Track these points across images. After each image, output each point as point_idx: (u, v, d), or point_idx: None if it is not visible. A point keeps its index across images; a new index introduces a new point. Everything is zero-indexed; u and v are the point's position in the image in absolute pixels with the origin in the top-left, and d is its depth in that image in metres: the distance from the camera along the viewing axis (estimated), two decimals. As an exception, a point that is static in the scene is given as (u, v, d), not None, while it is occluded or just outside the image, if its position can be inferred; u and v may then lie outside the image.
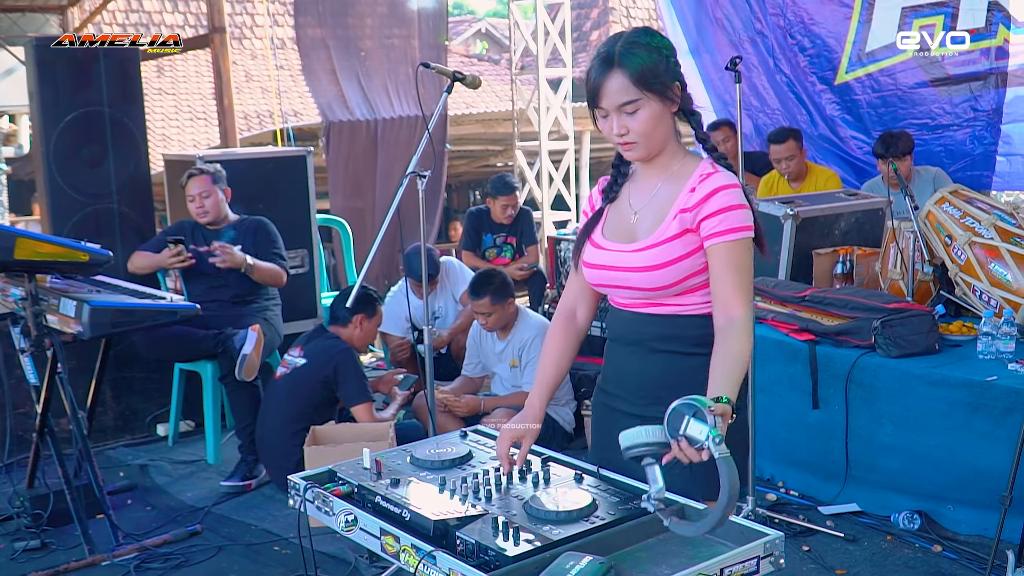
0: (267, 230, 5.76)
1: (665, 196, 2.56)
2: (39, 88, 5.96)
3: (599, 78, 2.47)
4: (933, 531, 4.36)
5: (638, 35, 2.49)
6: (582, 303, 2.78)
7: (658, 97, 2.46)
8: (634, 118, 2.47)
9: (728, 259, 2.46)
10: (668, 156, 2.57)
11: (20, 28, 10.97)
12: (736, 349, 2.40)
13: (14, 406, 5.44)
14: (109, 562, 4.46)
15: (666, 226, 2.51)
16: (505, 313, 5.59)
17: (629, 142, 2.51)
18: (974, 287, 4.85)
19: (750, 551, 2.15)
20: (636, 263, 2.54)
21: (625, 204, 2.64)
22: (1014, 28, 6.61)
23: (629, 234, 2.60)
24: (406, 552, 2.27)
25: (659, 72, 2.45)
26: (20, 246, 4.27)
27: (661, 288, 2.53)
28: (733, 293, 2.45)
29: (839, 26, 7.46)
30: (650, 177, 2.61)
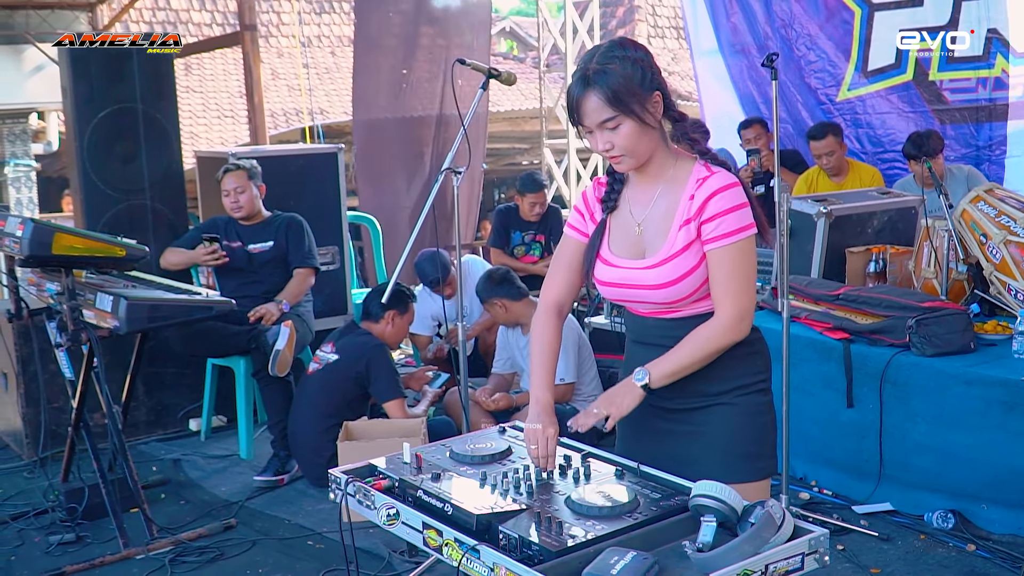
0: (300, 227, 5.78)
1: (665, 205, 2.58)
2: (73, 85, 6.00)
3: (577, 97, 2.50)
4: (967, 530, 4.33)
5: (612, 49, 2.49)
6: (568, 300, 2.83)
7: (636, 112, 2.47)
8: (616, 133, 2.49)
9: (722, 263, 2.52)
10: (659, 162, 2.59)
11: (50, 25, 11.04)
12: (698, 337, 2.55)
13: (48, 400, 5.49)
14: (144, 556, 4.49)
15: (672, 239, 2.54)
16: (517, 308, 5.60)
17: (615, 156, 2.54)
18: (1009, 286, 4.82)
19: (795, 548, 2.15)
20: (650, 280, 2.57)
21: (627, 214, 2.66)
22: (1013, 59, 6.59)
23: (637, 248, 2.62)
24: (449, 546, 2.27)
25: (633, 88, 2.46)
26: (58, 241, 4.30)
27: (678, 300, 2.58)
28: (723, 297, 2.54)
29: (842, 43, 7.47)
30: (647, 184, 2.62)
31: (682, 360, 2.56)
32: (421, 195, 8.67)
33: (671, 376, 2.56)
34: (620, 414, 2.56)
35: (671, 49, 16.13)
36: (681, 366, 2.56)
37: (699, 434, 2.64)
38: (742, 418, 2.63)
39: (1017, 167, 6.55)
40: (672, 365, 2.56)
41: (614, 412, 2.55)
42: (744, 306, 2.55)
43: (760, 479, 2.67)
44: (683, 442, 2.66)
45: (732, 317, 2.53)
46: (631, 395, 2.56)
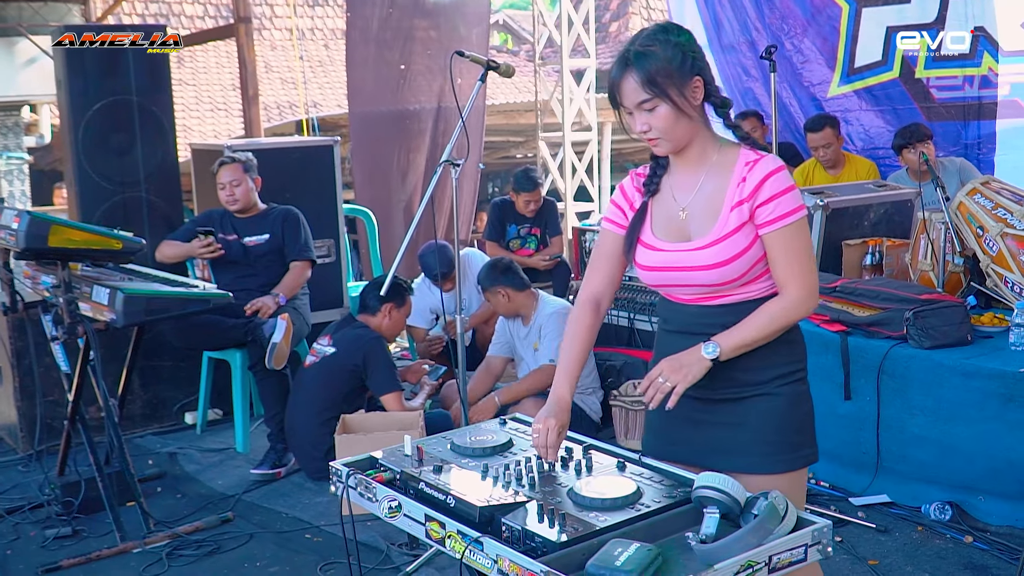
0: (296, 220, 5.76)
1: (712, 189, 2.57)
2: (67, 77, 5.98)
3: (616, 78, 2.52)
4: (964, 522, 4.35)
5: (656, 33, 2.51)
6: (606, 296, 2.80)
7: (672, 96, 2.47)
8: (654, 115, 2.50)
9: (783, 243, 2.51)
10: (701, 147, 2.59)
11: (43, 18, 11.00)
12: (767, 311, 2.55)
13: (43, 394, 5.47)
14: (141, 549, 4.47)
15: (724, 221, 2.53)
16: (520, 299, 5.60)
17: (653, 138, 2.54)
18: (1006, 278, 4.82)
19: (798, 539, 2.15)
20: (699, 262, 2.55)
21: (669, 200, 2.65)
22: (1001, 58, 6.59)
23: (682, 232, 2.61)
24: (452, 538, 2.27)
25: (672, 72, 2.47)
26: (54, 233, 4.28)
27: (730, 282, 2.56)
28: (789, 276, 2.53)
29: (830, 39, 7.47)
30: (690, 170, 2.62)
31: (752, 332, 2.54)
32: (416, 189, 8.65)
33: (740, 349, 2.54)
34: (687, 384, 2.52)
35: (665, 42, 16.09)
36: (751, 339, 2.54)
37: (739, 425, 2.62)
38: (783, 408, 2.62)
39: (1005, 165, 6.55)
40: (742, 337, 2.54)
41: (681, 382, 2.51)
42: (811, 283, 2.56)
43: (801, 468, 2.68)
44: (722, 433, 2.64)
45: (802, 294, 2.54)
46: (699, 365, 2.52)
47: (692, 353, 2.54)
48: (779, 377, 2.62)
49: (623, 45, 2.54)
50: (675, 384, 2.51)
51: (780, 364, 2.61)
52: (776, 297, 2.57)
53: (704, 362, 2.52)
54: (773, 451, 2.63)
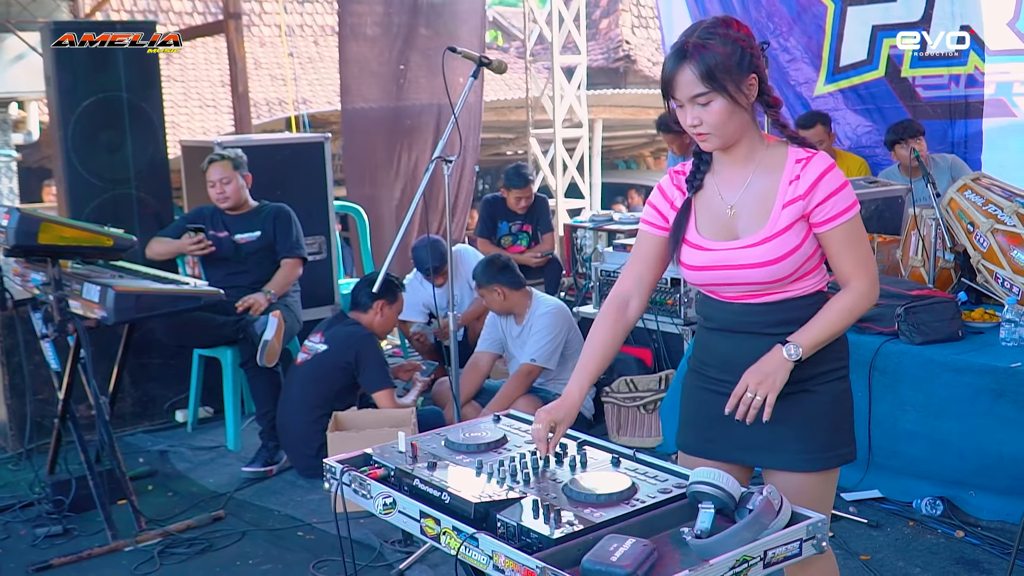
0: (287, 217, 5.75)
1: (761, 187, 2.56)
2: (56, 73, 5.96)
3: (672, 70, 2.48)
4: (955, 517, 4.36)
5: (715, 26, 2.49)
6: (637, 295, 2.75)
7: (730, 91, 2.45)
8: (707, 110, 2.47)
9: (844, 239, 2.52)
10: (749, 145, 2.57)
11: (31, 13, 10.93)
12: (836, 306, 2.55)
13: (33, 392, 5.45)
14: (132, 547, 4.47)
15: (775, 218, 2.52)
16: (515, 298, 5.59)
17: (703, 133, 2.52)
18: (996, 274, 4.84)
19: (793, 534, 2.16)
20: (752, 259, 2.54)
21: (715, 198, 2.62)
22: (987, 57, 6.61)
23: (729, 230, 2.59)
24: (447, 535, 2.26)
25: (730, 67, 2.44)
26: (45, 230, 4.26)
27: (778, 280, 2.55)
28: (854, 270, 2.55)
29: (815, 38, 7.48)
30: (737, 168, 2.60)
31: (828, 328, 2.53)
32: (407, 186, 8.64)
33: (818, 347, 2.53)
34: (776, 392, 2.50)
35: (655, 40, 16.11)
36: (828, 335, 2.53)
37: (780, 422, 2.57)
38: (825, 406, 2.61)
39: (992, 164, 6.56)
40: (819, 334, 2.53)
41: (771, 391, 2.50)
42: (874, 274, 2.57)
43: (836, 467, 2.67)
44: (761, 430, 2.58)
45: (868, 286, 2.55)
46: (783, 370, 2.50)
47: (772, 359, 2.52)
48: (822, 374, 2.60)
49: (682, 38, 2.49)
50: (765, 394, 2.50)
51: (823, 361, 2.59)
52: (842, 291, 2.56)
53: (787, 365, 2.51)
54: (812, 448, 2.61)
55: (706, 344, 2.73)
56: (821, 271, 2.61)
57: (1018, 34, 6.49)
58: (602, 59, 15.60)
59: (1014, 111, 6.68)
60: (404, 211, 8.56)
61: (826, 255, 2.57)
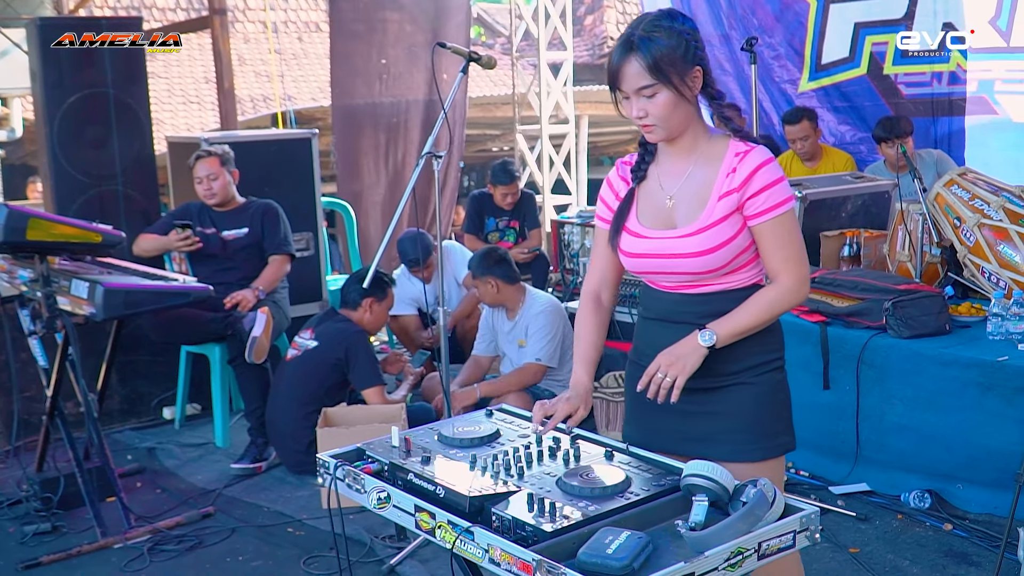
0: (275, 214, 5.74)
1: (700, 179, 2.58)
2: (42, 69, 5.93)
3: (618, 62, 2.51)
4: (943, 510, 4.38)
5: (660, 19, 2.51)
6: (606, 287, 2.83)
7: (675, 83, 2.48)
8: (652, 102, 2.50)
9: (775, 233, 2.54)
10: (692, 137, 2.60)
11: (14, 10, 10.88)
12: (761, 298, 2.58)
13: (20, 389, 5.43)
14: (122, 545, 4.46)
15: (710, 210, 2.55)
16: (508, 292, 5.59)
17: (649, 124, 2.55)
18: (983, 268, 4.86)
19: (787, 525, 2.17)
20: (684, 249, 2.57)
21: (656, 188, 2.66)
22: (970, 55, 6.64)
23: (667, 220, 2.62)
24: (442, 528, 2.26)
25: (676, 59, 2.48)
26: (33, 226, 4.24)
27: (713, 271, 2.57)
28: (782, 266, 2.56)
29: (797, 36, 7.50)
30: (678, 159, 2.62)
31: (747, 319, 2.56)
32: (394, 182, 8.64)
33: (735, 336, 2.56)
34: (687, 375, 2.54)
35: (639, 36, 16.10)
36: (746, 325, 2.56)
37: (717, 413, 2.63)
38: (760, 397, 2.64)
39: (974, 161, 6.58)
40: (736, 324, 2.55)
41: (680, 374, 2.53)
42: (803, 272, 2.59)
43: (778, 456, 2.70)
44: (700, 421, 2.65)
45: (795, 282, 2.57)
46: (696, 355, 2.54)
47: (687, 343, 2.55)
48: (757, 366, 2.63)
49: (628, 30, 2.52)
50: (675, 377, 2.53)
51: (757, 353, 2.63)
52: (770, 285, 2.59)
53: (700, 351, 2.54)
54: (750, 439, 2.65)
55: (644, 334, 2.77)
56: (758, 264, 2.63)
57: (999, 32, 6.51)
58: (587, 55, 15.58)
59: (996, 108, 6.71)
60: (389, 207, 8.56)
61: (758, 249, 2.59)
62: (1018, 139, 6.63)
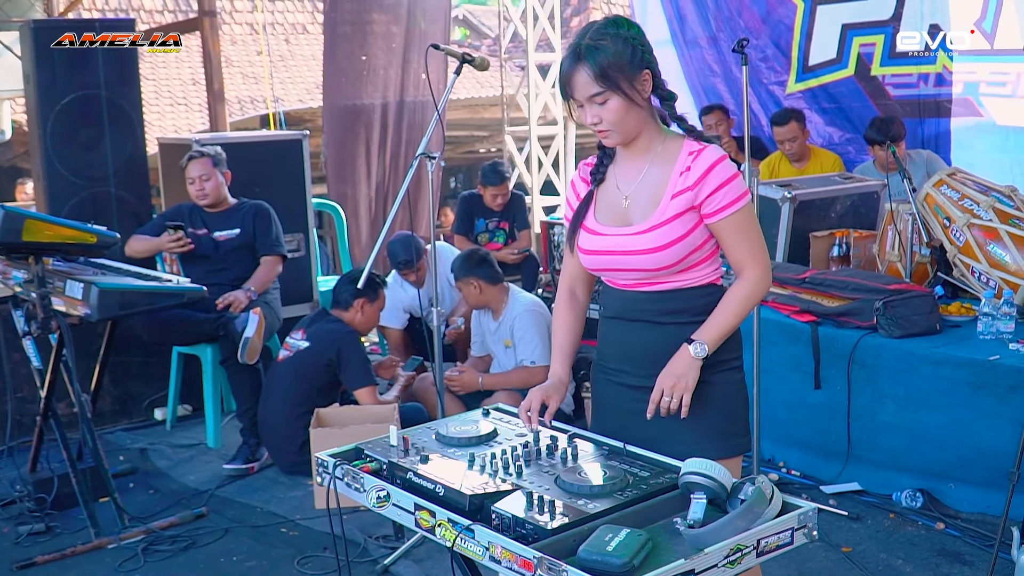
0: (267, 215, 5.74)
1: (655, 178, 2.63)
2: (36, 71, 5.92)
3: (567, 72, 2.57)
4: (935, 509, 4.41)
5: (606, 27, 2.56)
6: (579, 284, 2.90)
7: (623, 89, 2.53)
8: (605, 108, 2.56)
9: (735, 229, 2.60)
10: (647, 139, 2.66)
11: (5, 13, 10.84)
12: (731, 297, 2.64)
13: (13, 390, 5.42)
14: (116, 545, 4.46)
15: (663, 208, 2.60)
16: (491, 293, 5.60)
17: (603, 130, 2.60)
18: (973, 268, 4.90)
19: (785, 523, 2.19)
20: (638, 246, 2.62)
21: (613, 188, 2.72)
22: (956, 57, 6.67)
23: (623, 218, 2.68)
24: (443, 527, 2.28)
25: (623, 65, 2.53)
26: (28, 228, 4.24)
27: (665, 268, 2.62)
28: (746, 259, 2.63)
29: (784, 37, 7.53)
30: (634, 160, 2.68)
31: (728, 319, 2.61)
32: (380, 183, 8.64)
33: (721, 339, 2.61)
34: (691, 391, 2.59)
35: (627, 37, 16.15)
36: (729, 326, 2.62)
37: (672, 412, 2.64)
38: (716, 396, 2.68)
39: (960, 163, 6.59)
40: (721, 327, 2.61)
41: (685, 391, 2.59)
42: (766, 262, 2.65)
43: (733, 456, 2.72)
44: (657, 421, 2.65)
45: (759, 273, 2.63)
46: (694, 369, 2.59)
47: (681, 361, 2.60)
48: (713, 365, 2.65)
49: (575, 40, 2.58)
50: (680, 395, 2.59)
51: (716, 352, 2.64)
52: (737, 282, 2.65)
53: (696, 363, 2.59)
54: (708, 437, 2.67)
55: (604, 334, 2.82)
56: (714, 263, 2.69)
57: (984, 34, 6.54)
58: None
59: (980, 111, 6.73)
60: (376, 208, 8.57)
61: (720, 245, 2.65)
62: (1002, 142, 6.65)
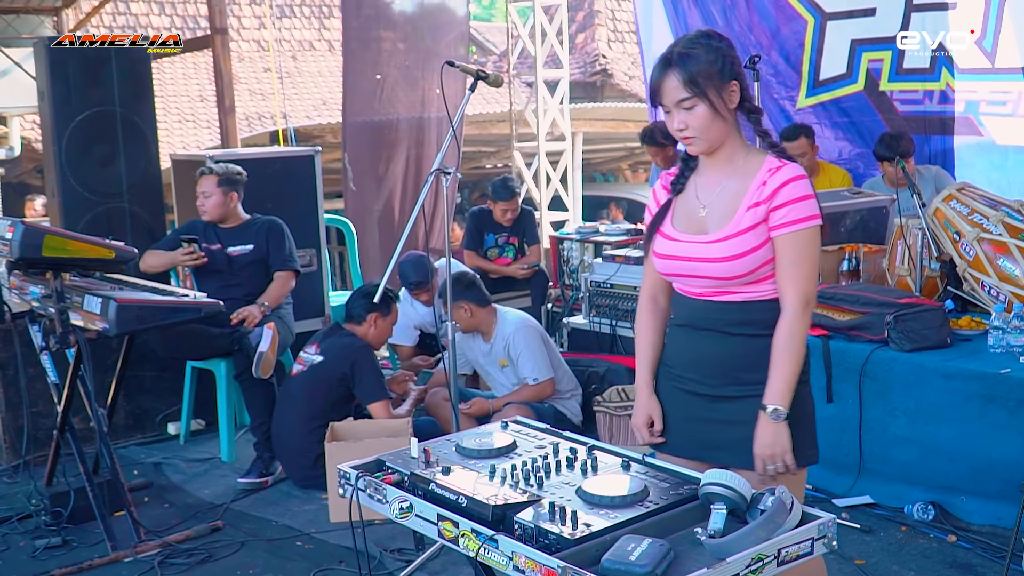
0: (280, 230, 5.79)
1: (733, 190, 2.69)
2: (51, 87, 5.97)
3: (658, 77, 2.66)
4: (947, 522, 4.43)
5: (698, 37, 2.67)
6: (660, 291, 2.95)
7: (710, 97, 2.61)
8: (691, 114, 2.63)
9: (791, 248, 2.62)
10: (730, 150, 2.72)
11: (15, 30, 10.94)
12: (778, 342, 2.65)
13: (29, 405, 5.45)
14: (132, 558, 4.48)
15: (739, 219, 2.65)
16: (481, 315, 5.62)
17: (688, 136, 2.67)
18: (983, 282, 4.93)
19: (805, 533, 2.21)
20: (711, 254, 2.67)
21: (692, 197, 2.78)
22: (958, 75, 6.71)
23: (699, 226, 2.73)
24: (466, 537, 2.31)
25: (712, 73, 2.61)
26: (48, 244, 4.28)
27: (735, 277, 2.66)
28: (789, 282, 2.64)
29: (795, 52, 7.56)
30: (716, 171, 2.74)
31: (787, 369, 2.64)
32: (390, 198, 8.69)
33: (791, 389, 2.64)
34: (789, 451, 2.66)
35: (631, 54, 16.21)
36: (791, 374, 2.64)
37: (740, 422, 2.70)
38: None
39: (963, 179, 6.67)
40: (784, 381, 2.64)
41: (784, 455, 2.66)
42: (807, 291, 2.66)
43: (802, 467, 2.76)
44: (723, 430, 2.74)
45: (798, 303, 2.64)
46: (781, 432, 2.65)
47: (765, 432, 2.66)
48: None
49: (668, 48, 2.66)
50: (782, 462, 2.66)
51: None
52: (779, 323, 2.65)
53: (781, 426, 2.64)
54: None
55: (673, 342, 2.88)
56: None
57: (985, 53, 6.58)
58: (579, 73, 15.68)
59: (980, 130, 6.75)
60: (386, 223, 8.60)
61: (774, 261, 2.66)
62: (1002, 161, 6.67)
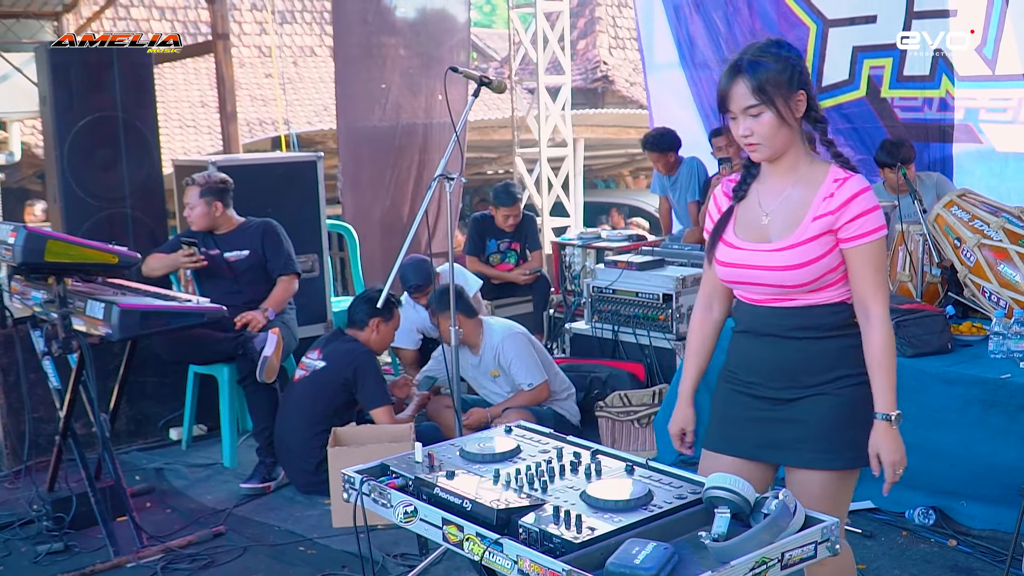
0: (275, 233, 5.76)
1: (797, 199, 2.72)
2: (53, 92, 5.99)
3: (727, 84, 2.68)
4: (947, 526, 4.44)
5: (768, 46, 2.70)
6: (717, 299, 2.98)
7: (778, 105, 2.63)
8: (758, 121, 2.65)
9: (866, 259, 2.67)
10: (794, 159, 2.74)
11: (15, 35, 10.96)
12: (878, 353, 2.69)
13: (30, 410, 5.46)
14: (135, 563, 4.48)
15: (803, 228, 2.68)
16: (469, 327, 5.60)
17: (754, 143, 2.69)
18: (984, 288, 4.93)
19: (809, 536, 2.22)
20: (775, 262, 2.70)
21: (755, 205, 2.79)
22: (957, 82, 6.73)
23: (762, 234, 2.75)
24: (471, 540, 2.31)
25: (780, 82, 2.64)
26: (51, 249, 4.29)
27: (799, 285, 2.69)
28: (872, 292, 2.68)
29: None
30: (779, 179, 2.76)
31: (889, 377, 2.69)
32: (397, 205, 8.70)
33: (894, 390, 2.69)
34: (904, 455, 2.72)
35: (632, 60, 16.24)
36: (891, 380, 2.69)
37: (799, 421, 2.75)
38: (842, 408, 2.75)
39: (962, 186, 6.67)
40: (889, 388, 2.68)
41: (902, 463, 2.72)
42: (887, 297, 2.72)
43: (857, 468, 2.81)
44: (781, 429, 2.78)
45: (884, 311, 2.69)
46: (896, 439, 2.70)
47: (883, 437, 2.70)
48: (839, 378, 2.74)
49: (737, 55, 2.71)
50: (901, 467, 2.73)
51: (843, 366, 2.74)
52: (870, 331, 2.68)
53: (893, 432, 2.70)
54: (829, 448, 2.75)
55: (736, 348, 2.90)
56: (845, 284, 2.73)
57: (985, 60, 6.59)
58: (580, 79, 15.70)
59: (980, 137, 6.76)
60: (388, 228, 8.61)
61: (848, 272, 2.70)
62: (1001, 169, 6.68)
